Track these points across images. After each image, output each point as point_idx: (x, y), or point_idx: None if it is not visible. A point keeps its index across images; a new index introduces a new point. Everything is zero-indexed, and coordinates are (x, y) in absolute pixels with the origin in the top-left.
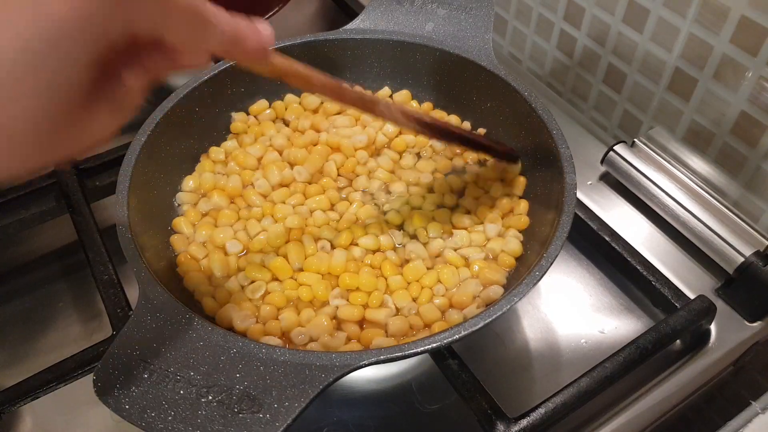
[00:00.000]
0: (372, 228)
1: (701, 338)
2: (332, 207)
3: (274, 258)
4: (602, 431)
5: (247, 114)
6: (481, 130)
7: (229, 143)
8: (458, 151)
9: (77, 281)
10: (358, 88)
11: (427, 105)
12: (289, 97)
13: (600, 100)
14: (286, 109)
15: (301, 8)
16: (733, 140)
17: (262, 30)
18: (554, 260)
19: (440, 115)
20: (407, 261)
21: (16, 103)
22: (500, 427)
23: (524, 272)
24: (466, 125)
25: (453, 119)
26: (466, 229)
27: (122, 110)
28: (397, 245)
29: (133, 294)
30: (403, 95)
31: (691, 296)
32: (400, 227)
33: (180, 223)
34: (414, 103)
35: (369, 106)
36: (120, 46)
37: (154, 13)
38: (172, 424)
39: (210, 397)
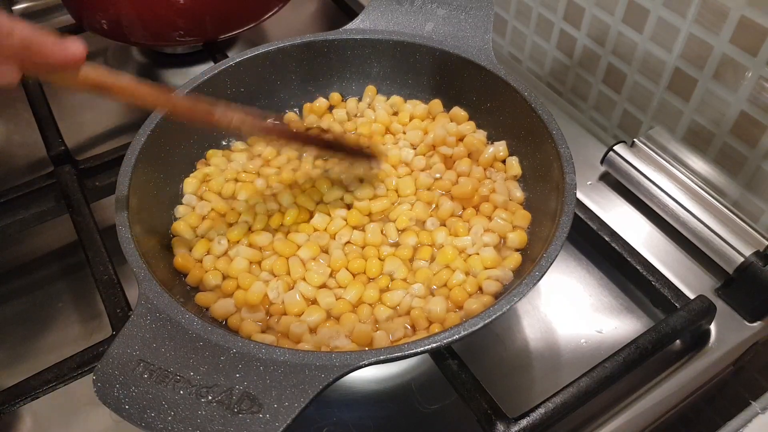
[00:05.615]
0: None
1: (701, 338)
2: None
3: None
4: (602, 431)
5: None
6: (482, 134)
7: (236, 154)
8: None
9: (77, 281)
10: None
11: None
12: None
13: (600, 100)
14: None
15: (301, 8)
16: (733, 140)
17: (69, 44)
18: (554, 260)
19: (470, 127)
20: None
21: None
22: (500, 427)
23: (524, 272)
24: (471, 124)
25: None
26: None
27: None
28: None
29: (133, 294)
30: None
31: (691, 296)
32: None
33: (180, 224)
34: (418, 103)
35: (204, 115)
36: None
37: None
38: (172, 424)
39: (210, 397)
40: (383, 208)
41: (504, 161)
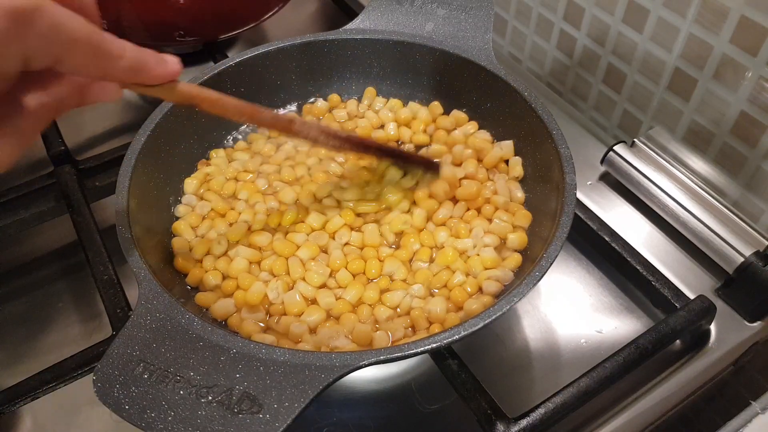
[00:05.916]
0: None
1: (701, 338)
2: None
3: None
4: (602, 431)
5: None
6: (486, 134)
7: (239, 153)
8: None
9: (77, 281)
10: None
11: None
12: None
13: (600, 100)
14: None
15: (301, 8)
16: (733, 140)
17: (168, 61)
18: (554, 260)
19: (473, 127)
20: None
21: None
22: (500, 427)
23: (524, 272)
24: (474, 124)
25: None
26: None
27: (23, 138)
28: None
29: (133, 294)
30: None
31: (691, 296)
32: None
33: (180, 224)
34: (419, 108)
35: (285, 126)
36: (17, 78)
37: (51, 45)
38: (172, 425)
39: (210, 398)
40: (370, 211)
41: (506, 162)
